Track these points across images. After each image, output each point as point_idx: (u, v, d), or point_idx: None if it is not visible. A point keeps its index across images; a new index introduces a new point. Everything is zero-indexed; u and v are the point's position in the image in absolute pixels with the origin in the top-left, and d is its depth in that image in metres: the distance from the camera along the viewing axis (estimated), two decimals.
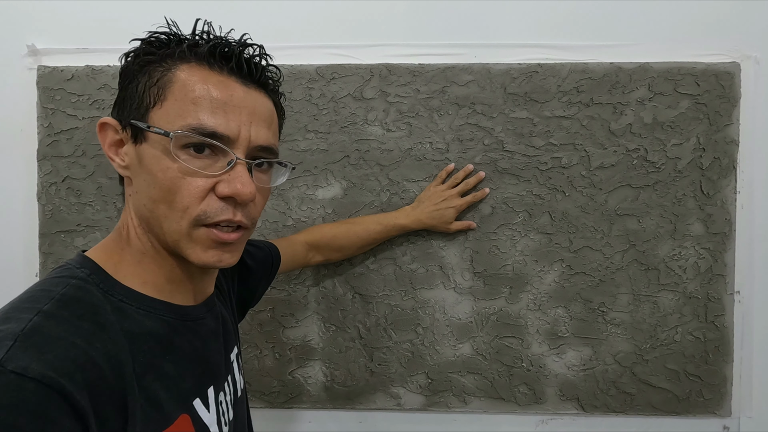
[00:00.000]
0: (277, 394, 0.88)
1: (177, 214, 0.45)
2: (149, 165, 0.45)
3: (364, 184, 0.87)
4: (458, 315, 0.87)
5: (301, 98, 0.86)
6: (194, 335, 0.50)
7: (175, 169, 0.44)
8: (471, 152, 0.86)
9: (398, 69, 0.85)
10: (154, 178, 0.44)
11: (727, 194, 0.84)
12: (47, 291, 0.41)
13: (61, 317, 0.39)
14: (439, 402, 0.87)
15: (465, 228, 0.85)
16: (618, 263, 0.85)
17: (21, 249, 0.88)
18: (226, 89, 0.45)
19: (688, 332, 0.85)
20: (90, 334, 0.40)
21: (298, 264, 0.80)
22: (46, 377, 0.34)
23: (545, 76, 0.85)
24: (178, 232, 0.45)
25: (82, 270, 0.44)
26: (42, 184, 0.87)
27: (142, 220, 0.47)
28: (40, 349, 0.36)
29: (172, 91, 0.44)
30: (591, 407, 0.86)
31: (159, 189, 0.44)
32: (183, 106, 0.44)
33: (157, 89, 0.45)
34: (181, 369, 0.47)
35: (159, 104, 0.45)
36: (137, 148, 0.45)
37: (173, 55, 0.46)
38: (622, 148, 0.85)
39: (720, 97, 0.83)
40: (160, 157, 0.44)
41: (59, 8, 0.87)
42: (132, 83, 0.46)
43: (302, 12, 0.86)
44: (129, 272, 0.47)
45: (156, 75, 0.45)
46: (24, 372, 0.34)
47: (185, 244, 0.46)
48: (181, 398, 0.46)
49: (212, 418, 0.49)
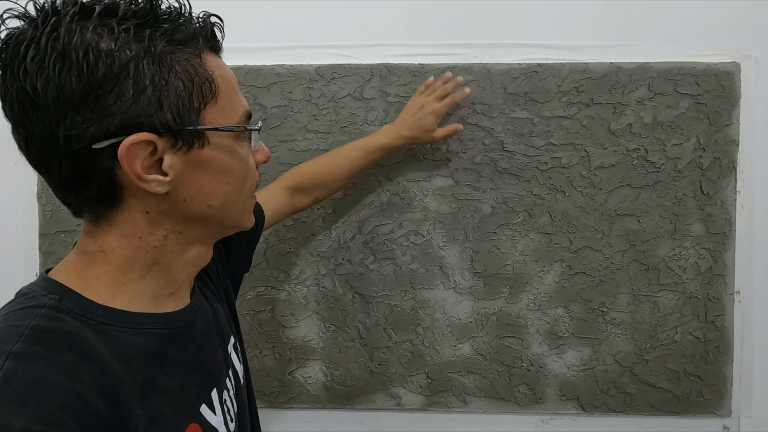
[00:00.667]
0: (277, 394, 0.88)
1: (245, 193, 0.47)
2: (222, 164, 0.43)
3: (364, 184, 0.87)
4: (458, 315, 0.87)
5: (301, 98, 0.86)
6: (188, 341, 0.47)
7: (244, 156, 0.45)
8: (471, 152, 0.86)
9: (398, 69, 0.85)
10: (230, 172, 0.44)
11: (727, 194, 0.84)
12: (13, 327, 0.36)
13: (36, 355, 0.35)
14: (439, 402, 0.87)
15: (451, 132, 0.81)
16: (618, 263, 0.85)
17: (21, 249, 0.88)
18: (227, 68, 0.45)
19: (688, 332, 0.85)
20: (73, 367, 0.35)
21: (284, 213, 0.77)
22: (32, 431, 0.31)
23: (545, 76, 0.85)
24: (242, 209, 0.47)
25: (49, 297, 0.39)
26: (42, 184, 0.87)
27: (190, 223, 0.44)
28: (20, 399, 0.32)
29: (217, 86, 0.41)
30: (591, 407, 0.86)
31: (235, 179, 0.45)
32: (231, 98, 0.43)
33: (209, 85, 0.41)
34: (182, 380, 0.44)
35: (213, 101, 0.41)
36: (191, 155, 0.41)
37: (197, 43, 0.41)
38: (622, 148, 0.85)
39: (720, 97, 0.83)
40: (232, 152, 0.44)
41: None
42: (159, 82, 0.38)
43: (302, 12, 0.86)
44: (109, 291, 0.42)
45: (193, 71, 0.40)
46: (6, 430, 0.31)
47: (246, 216, 0.49)
48: (187, 409, 0.44)
49: (219, 420, 0.48)
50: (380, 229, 0.87)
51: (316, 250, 0.88)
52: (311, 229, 0.88)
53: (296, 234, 0.88)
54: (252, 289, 0.88)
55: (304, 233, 0.88)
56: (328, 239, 0.87)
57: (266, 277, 0.88)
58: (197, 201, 0.43)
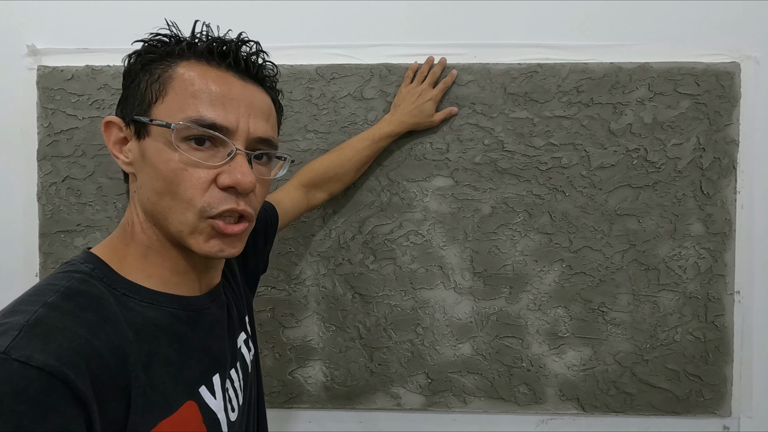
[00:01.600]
0: (277, 394, 0.88)
1: (182, 205, 0.46)
2: (152, 158, 0.46)
3: (364, 184, 0.87)
4: (458, 315, 0.87)
5: (301, 98, 0.86)
6: (197, 325, 0.51)
7: (177, 161, 0.45)
8: (471, 152, 0.86)
9: (398, 69, 0.85)
10: (157, 170, 0.46)
11: (727, 194, 0.84)
12: (52, 285, 0.43)
13: (66, 309, 0.40)
14: (439, 402, 0.87)
15: (448, 115, 0.85)
16: (618, 263, 0.85)
17: (21, 249, 0.88)
18: (224, 83, 0.47)
19: (688, 332, 0.85)
20: (94, 325, 0.41)
21: (301, 210, 0.80)
22: (48, 366, 0.35)
23: (545, 76, 0.85)
24: (183, 223, 0.46)
25: (86, 265, 0.46)
26: (42, 184, 0.87)
27: (147, 213, 0.48)
28: (44, 338, 0.37)
29: (172, 87, 0.46)
30: (591, 407, 0.86)
31: (162, 181, 0.46)
32: (183, 100, 0.45)
33: (159, 85, 0.46)
34: (186, 357, 0.48)
35: (161, 99, 0.46)
36: (140, 144, 0.47)
37: (173, 53, 0.47)
38: (622, 148, 0.85)
39: (720, 97, 0.83)
40: (163, 149, 0.45)
41: (59, 8, 0.87)
42: (134, 82, 0.48)
43: (302, 12, 0.86)
44: (133, 267, 0.48)
45: (157, 72, 0.47)
46: (27, 360, 0.35)
47: (189, 236, 0.47)
48: (186, 386, 0.47)
49: (219, 405, 0.50)
50: (380, 229, 0.87)
51: (316, 250, 0.88)
52: (311, 229, 0.88)
53: (296, 234, 0.87)
54: None
55: (304, 233, 0.87)
56: (328, 239, 0.87)
57: (266, 277, 0.88)
58: (144, 191, 0.47)
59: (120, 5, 0.87)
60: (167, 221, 0.47)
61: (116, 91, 0.86)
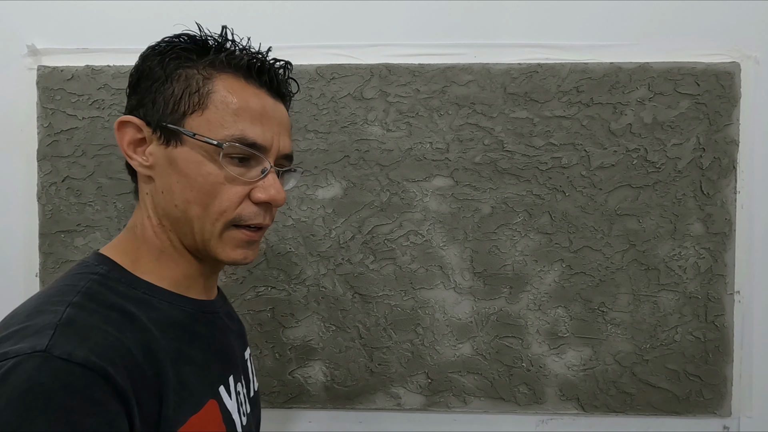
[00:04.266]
0: (277, 394, 0.88)
1: (212, 216, 0.47)
2: (187, 168, 0.46)
3: (364, 184, 0.87)
4: (458, 315, 0.87)
5: (301, 98, 0.86)
6: (213, 326, 0.53)
7: (219, 176, 0.46)
8: (471, 152, 0.86)
9: (398, 69, 0.85)
10: (193, 181, 0.46)
11: (727, 194, 0.84)
12: (72, 285, 0.43)
13: (91, 308, 0.41)
14: (439, 402, 0.87)
15: None
16: (618, 263, 0.85)
17: (21, 249, 0.88)
18: (260, 101, 0.48)
19: (688, 332, 0.85)
20: (120, 323, 0.42)
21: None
22: (90, 362, 0.36)
23: (545, 76, 0.85)
24: (210, 232, 0.48)
25: (101, 267, 0.46)
26: (42, 184, 0.87)
27: (167, 218, 0.48)
28: (80, 337, 0.38)
29: (212, 101, 0.46)
30: (591, 407, 0.86)
31: (198, 192, 0.47)
32: (225, 117, 0.46)
33: (198, 97, 0.46)
34: (207, 356, 0.49)
35: (199, 112, 0.46)
36: (169, 151, 0.47)
37: (213, 64, 0.47)
38: (622, 148, 0.85)
39: (720, 97, 0.83)
40: (202, 162, 0.46)
41: (59, 8, 0.87)
42: (163, 85, 0.47)
43: (302, 12, 0.86)
44: (147, 268, 0.49)
45: (194, 82, 0.47)
46: (70, 357, 0.36)
47: (216, 244, 0.48)
48: (209, 384, 0.48)
49: (234, 406, 0.51)
50: (380, 229, 0.87)
51: (316, 250, 0.88)
52: (311, 229, 0.88)
53: (296, 234, 0.88)
54: (252, 289, 0.88)
55: (304, 233, 0.87)
56: (328, 239, 0.87)
57: (266, 277, 0.88)
58: (168, 197, 0.47)
59: (120, 5, 0.87)
60: (193, 230, 0.48)
61: (116, 91, 0.86)
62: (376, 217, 0.87)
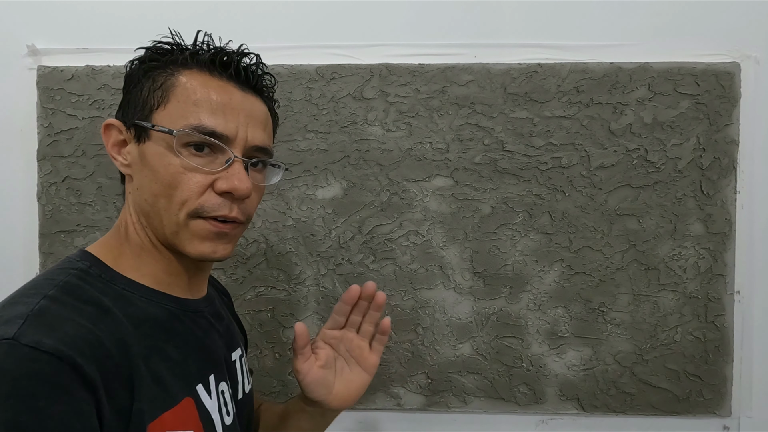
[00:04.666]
0: (277, 394, 0.88)
1: (175, 207, 0.48)
2: (152, 162, 0.48)
3: (364, 184, 0.87)
4: (458, 315, 0.87)
5: (301, 98, 0.86)
6: (194, 324, 0.52)
7: (177, 165, 0.47)
8: (471, 152, 0.86)
9: (398, 69, 0.85)
10: (156, 173, 0.47)
11: (727, 194, 0.84)
12: (50, 279, 0.44)
13: (66, 301, 0.42)
14: (439, 402, 0.87)
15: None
16: (618, 263, 0.85)
17: (21, 249, 0.88)
18: (224, 93, 0.49)
19: (688, 332, 0.85)
20: (94, 317, 0.42)
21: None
22: (58, 350, 0.36)
23: (545, 76, 0.85)
24: (176, 223, 0.48)
25: (82, 262, 0.47)
26: (42, 184, 0.87)
27: (142, 215, 0.50)
28: (50, 327, 0.38)
29: (174, 94, 0.48)
30: (591, 407, 0.86)
31: (160, 183, 0.47)
32: (185, 108, 0.47)
33: (161, 92, 0.48)
34: (185, 354, 0.49)
35: (162, 106, 0.48)
36: (140, 147, 0.49)
37: (176, 62, 0.50)
38: (622, 148, 0.85)
39: (720, 97, 0.83)
40: (163, 154, 0.47)
41: (59, 8, 0.87)
42: (136, 87, 0.50)
43: (302, 12, 0.86)
44: (129, 265, 0.49)
45: (160, 79, 0.49)
46: (37, 345, 0.36)
47: (183, 236, 0.48)
48: (185, 382, 0.48)
49: (214, 405, 0.51)
50: (380, 229, 0.87)
51: (316, 250, 0.88)
52: (311, 229, 0.87)
53: (296, 234, 0.87)
54: (252, 289, 0.88)
55: (304, 233, 0.87)
56: (328, 239, 0.87)
57: (266, 277, 0.88)
58: (141, 193, 0.49)
59: (120, 5, 0.87)
60: (162, 222, 0.48)
61: (116, 92, 0.86)
62: (376, 217, 0.87)
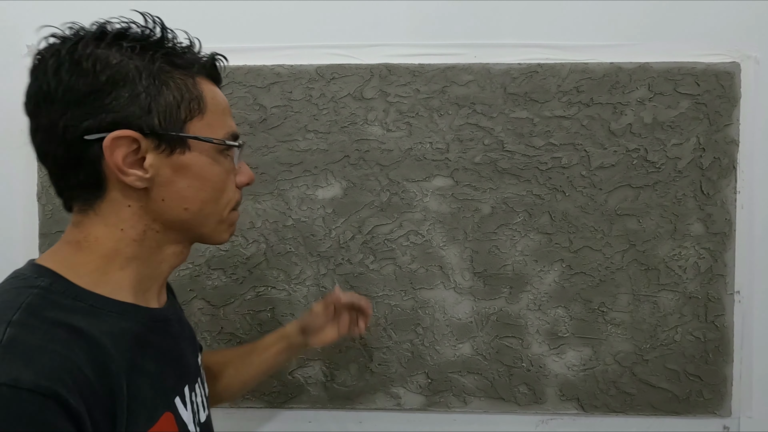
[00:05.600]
0: (277, 394, 0.88)
1: (222, 207, 0.51)
2: (201, 172, 0.48)
3: (364, 184, 0.87)
4: (458, 315, 0.87)
5: (301, 98, 0.86)
6: (166, 335, 0.52)
7: (222, 171, 0.50)
8: (471, 152, 0.86)
9: (398, 69, 0.85)
10: (207, 182, 0.49)
11: (727, 194, 0.84)
12: (9, 302, 0.40)
13: (34, 326, 0.39)
14: (439, 402, 0.87)
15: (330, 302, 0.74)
16: (618, 263, 0.85)
17: (21, 249, 0.88)
18: (222, 96, 0.52)
19: (688, 332, 0.85)
20: (67, 341, 0.39)
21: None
22: (39, 386, 0.35)
23: (545, 76, 0.85)
24: (219, 221, 0.52)
25: (41, 279, 0.43)
26: (42, 184, 0.87)
27: (169, 223, 0.49)
28: (25, 358, 0.36)
29: (206, 104, 0.49)
30: (591, 407, 0.86)
31: (211, 190, 0.50)
32: (219, 117, 0.50)
33: (197, 102, 0.48)
34: (161, 367, 0.48)
35: (199, 116, 0.48)
36: (173, 159, 0.47)
37: (192, 68, 0.49)
38: (622, 148, 0.85)
39: (720, 97, 0.83)
40: (211, 164, 0.49)
41: (59, 8, 0.87)
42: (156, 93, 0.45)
43: (302, 12, 0.86)
44: (92, 279, 0.45)
45: (185, 88, 0.47)
46: (16, 383, 0.34)
47: (220, 229, 0.53)
48: (164, 396, 0.48)
49: (189, 416, 0.51)
50: (380, 229, 0.87)
51: (316, 250, 0.88)
52: (311, 229, 0.88)
53: (296, 234, 0.88)
54: (252, 289, 0.88)
55: (304, 233, 0.87)
56: (328, 239, 0.87)
57: (266, 277, 0.88)
58: (175, 203, 0.48)
59: (120, 5, 0.87)
60: (203, 224, 0.51)
61: None
62: (376, 217, 0.87)
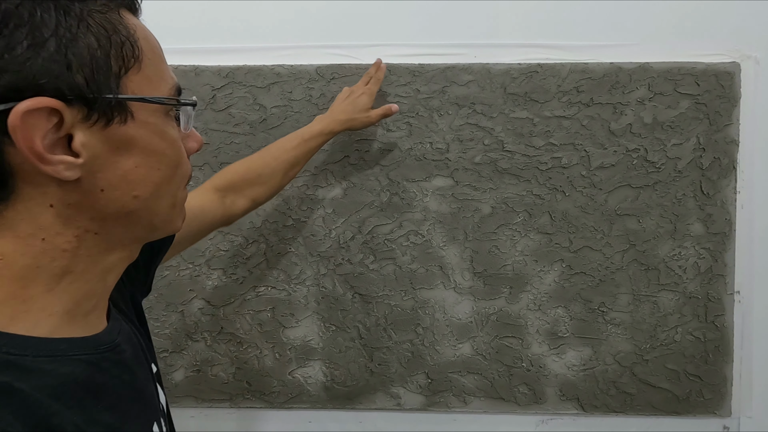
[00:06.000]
0: (277, 394, 0.88)
1: (177, 184, 0.39)
2: (152, 144, 0.35)
3: (364, 184, 0.87)
4: (458, 315, 0.87)
5: (301, 98, 0.86)
6: (120, 368, 0.39)
7: (176, 138, 0.37)
8: (471, 152, 0.86)
9: (398, 69, 0.85)
10: (162, 156, 0.36)
11: (727, 194, 0.84)
12: None
13: None
14: (439, 402, 0.87)
15: (387, 112, 0.78)
16: (618, 263, 0.85)
17: None
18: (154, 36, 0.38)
19: (688, 332, 0.85)
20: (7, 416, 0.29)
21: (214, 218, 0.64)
22: None
23: (545, 76, 0.85)
24: (173, 204, 0.39)
25: None
26: None
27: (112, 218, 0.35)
28: None
29: (141, 49, 0.34)
30: (591, 407, 0.86)
31: (166, 167, 0.36)
32: (158, 67, 0.36)
33: (131, 47, 0.33)
34: (122, 414, 0.37)
35: (137, 67, 0.33)
36: (111, 131, 0.33)
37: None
38: (622, 148, 0.85)
39: (720, 97, 0.83)
40: (161, 132, 0.36)
41: None
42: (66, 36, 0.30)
43: (302, 12, 0.86)
44: (5, 312, 0.33)
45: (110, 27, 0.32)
46: None
47: (174, 213, 0.40)
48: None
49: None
50: (380, 229, 0.87)
51: (316, 250, 0.88)
52: (311, 229, 0.88)
53: (296, 234, 0.88)
54: (252, 289, 0.88)
55: (304, 233, 0.88)
56: (328, 239, 0.87)
57: (266, 277, 0.88)
58: (120, 191, 0.34)
59: None
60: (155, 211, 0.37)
61: None
62: (376, 217, 0.87)
